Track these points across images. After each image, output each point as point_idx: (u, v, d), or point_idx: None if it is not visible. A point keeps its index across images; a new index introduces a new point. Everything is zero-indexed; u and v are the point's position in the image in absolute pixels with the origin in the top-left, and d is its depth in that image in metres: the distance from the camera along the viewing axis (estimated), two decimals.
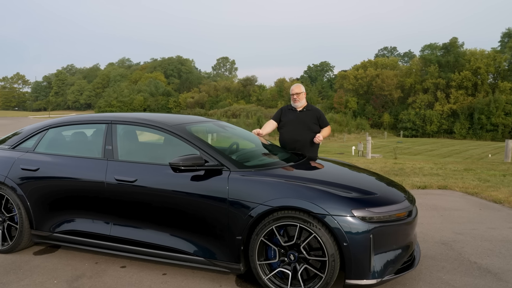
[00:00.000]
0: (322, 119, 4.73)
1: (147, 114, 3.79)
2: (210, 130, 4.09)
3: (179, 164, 3.03)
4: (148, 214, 3.28)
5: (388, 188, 3.35)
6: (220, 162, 3.17)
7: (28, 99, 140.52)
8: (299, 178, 3.15)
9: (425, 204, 5.91)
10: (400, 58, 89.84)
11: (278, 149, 4.33)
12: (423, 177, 8.47)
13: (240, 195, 3.00)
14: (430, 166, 10.80)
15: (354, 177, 3.54)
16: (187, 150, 3.28)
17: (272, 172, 3.22)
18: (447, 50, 63.11)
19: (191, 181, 3.15)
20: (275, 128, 4.87)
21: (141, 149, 3.68)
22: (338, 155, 25.86)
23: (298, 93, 4.71)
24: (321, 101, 78.15)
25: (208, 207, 3.08)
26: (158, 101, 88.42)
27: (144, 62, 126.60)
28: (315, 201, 2.81)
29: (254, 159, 3.76)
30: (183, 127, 3.45)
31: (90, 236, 3.49)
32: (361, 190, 3.02)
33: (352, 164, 4.28)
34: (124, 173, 3.35)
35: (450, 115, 57.68)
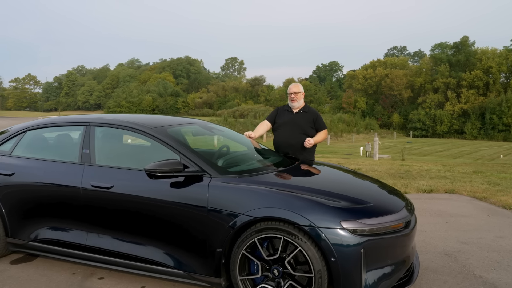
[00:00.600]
0: (319, 121, 4.47)
1: (128, 116, 3.57)
2: (196, 133, 3.86)
3: (155, 170, 2.80)
4: (125, 223, 3.06)
5: (384, 196, 3.09)
6: (201, 167, 2.94)
7: (39, 100, 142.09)
8: (286, 185, 2.90)
9: (430, 209, 5.61)
10: (410, 58, 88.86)
11: (270, 152, 4.08)
12: (429, 180, 8.15)
13: (220, 203, 2.76)
14: (438, 168, 10.46)
15: (348, 184, 3.28)
16: (168, 155, 3.06)
17: (257, 178, 2.97)
18: (458, 49, 62.18)
19: (170, 188, 2.92)
20: (269, 130, 4.62)
21: (120, 153, 3.46)
22: (346, 156, 25.51)
23: (296, 92, 4.45)
24: (329, 101, 77.67)
25: (187, 217, 2.85)
26: (167, 102, 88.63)
27: (153, 63, 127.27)
28: (300, 211, 2.56)
29: (241, 164, 3.53)
30: (164, 130, 3.23)
31: (67, 246, 3.28)
32: (353, 199, 2.76)
33: (349, 169, 4.02)
34: (100, 179, 3.14)
35: (461, 115, 56.81)
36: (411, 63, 78.91)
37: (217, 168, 3.00)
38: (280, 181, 3.03)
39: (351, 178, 3.50)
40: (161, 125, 3.33)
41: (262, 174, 3.12)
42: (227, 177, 2.92)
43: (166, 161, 2.84)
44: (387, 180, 8.03)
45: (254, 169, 3.27)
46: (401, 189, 7.06)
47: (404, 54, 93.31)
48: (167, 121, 3.58)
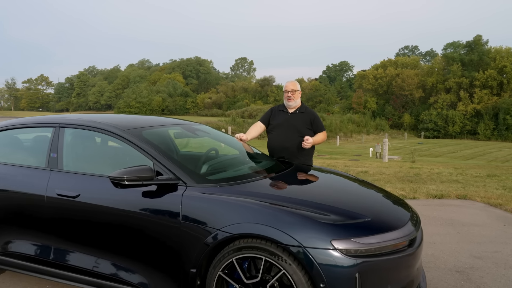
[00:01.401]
0: (317, 123, 4.08)
1: (102, 116, 3.23)
2: (177, 135, 3.50)
3: (122, 178, 2.45)
4: (90, 237, 2.72)
5: (386, 208, 2.70)
6: (176, 175, 2.58)
7: (52, 100, 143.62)
8: (271, 196, 2.53)
9: (440, 218, 5.19)
10: (422, 57, 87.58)
11: (262, 157, 3.72)
12: (440, 184, 7.70)
13: (195, 217, 2.41)
14: (450, 171, 9.97)
15: (344, 194, 2.88)
16: (142, 160, 2.72)
17: (241, 188, 2.61)
18: (470, 48, 60.99)
19: (141, 198, 2.57)
20: (263, 132, 4.25)
21: (91, 157, 3.13)
22: (354, 157, 25.00)
23: (293, 90, 4.07)
24: (339, 102, 76.93)
25: (158, 231, 2.50)
26: (176, 102, 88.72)
27: (163, 63, 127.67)
28: (285, 228, 2.19)
29: (228, 170, 3.17)
30: (139, 132, 2.88)
31: (32, 260, 2.96)
32: (348, 213, 2.38)
33: (349, 175, 3.63)
34: (67, 187, 2.81)
35: (474, 115, 55.70)
36: (423, 63, 77.76)
37: (194, 175, 2.64)
38: (265, 191, 2.66)
39: (349, 187, 3.11)
40: (136, 126, 2.98)
41: (248, 182, 2.75)
42: (205, 186, 2.57)
43: (135, 168, 2.50)
44: (395, 184, 7.61)
45: (239, 176, 2.90)
46: (410, 194, 6.64)
47: (415, 53, 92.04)
48: (145, 122, 3.23)
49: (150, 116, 3.59)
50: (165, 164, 2.63)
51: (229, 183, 2.66)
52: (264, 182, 2.85)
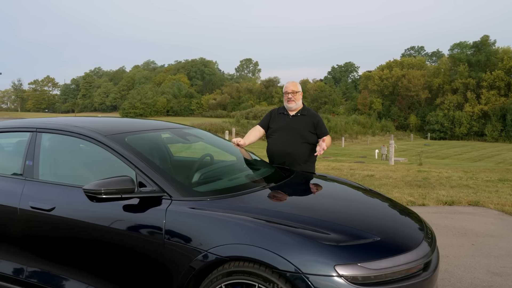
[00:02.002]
0: (320, 126, 3.78)
1: (83, 120, 2.96)
2: (166, 141, 3.21)
3: (98, 191, 2.17)
4: (67, 255, 2.44)
5: (397, 225, 2.39)
6: (160, 187, 2.30)
7: (58, 101, 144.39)
8: (268, 211, 2.23)
9: (452, 227, 4.87)
10: (428, 58, 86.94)
11: (260, 164, 3.43)
12: (450, 189, 7.36)
13: (180, 235, 2.12)
14: (459, 175, 9.62)
15: (350, 207, 2.57)
16: (125, 169, 2.43)
17: (234, 201, 2.32)
18: (478, 48, 60.37)
19: (123, 213, 2.29)
20: (262, 136, 3.96)
21: (69, 166, 2.84)
22: (360, 159, 24.63)
23: (294, 91, 3.78)
24: (345, 103, 76.51)
25: (140, 251, 2.21)
26: (181, 103, 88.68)
27: (168, 65, 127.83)
28: (281, 250, 1.90)
29: (220, 179, 2.89)
30: (121, 138, 2.60)
31: (5, 280, 2.69)
32: (354, 233, 2.08)
33: (355, 183, 3.33)
34: (41, 198, 2.53)
35: (481, 116, 55.07)
36: (429, 64, 77.12)
37: (180, 187, 2.35)
38: (261, 205, 2.37)
39: (355, 199, 2.81)
40: (120, 131, 2.70)
41: (242, 194, 2.46)
42: (193, 199, 2.28)
43: (113, 179, 2.22)
44: (403, 189, 7.29)
45: (233, 187, 2.61)
46: (419, 200, 6.32)
47: (421, 54, 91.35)
48: (130, 126, 2.95)
49: (138, 120, 3.31)
50: (148, 174, 2.35)
51: (220, 196, 2.37)
52: (261, 194, 2.56)
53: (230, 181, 2.86)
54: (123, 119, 3.26)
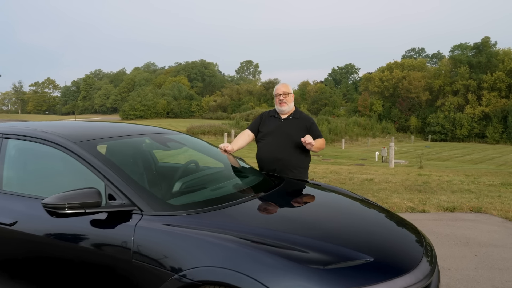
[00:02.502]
0: (314, 129, 3.56)
1: (53, 125, 2.74)
2: (146, 147, 2.97)
3: (59, 205, 1.95)
4: (30, 273, 2.22)
5: (394, 242, 2.16)
6: (131, 200, 2.08)
7: (58, 103, 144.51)
8: (250, 228, 2.01)
9: (454, 235, 4.64)
10: (428, 60, 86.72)
11: (249, 171, 3.21)
12: (451, 194, 7.13)
13: (149, 255, 1.90)
14: (460, 179, 9.38)
15: (342, 222, 2.33)
16: (94, 180, 2.21)
17: (213, 216, 2.10)
18: (478, 50, 60.12)
19: (90, 228, 2.06)
20: (252, 141, 3.74)
21: (35, 175, 2.62)
22: (360, 161, 24.40)
23: (285, 92, 3.56)
24: (345, 104, 76.25)
25: (106, 271, 1.99)
26: (181, 105, 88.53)
27: (169, 66, 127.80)
28: (262, 275, 1.67)
29: (204, 188, 2.67)
30: (92, 145, 2.38)
31: None
32: (343, 253, 1.85)
33: (350, 193, 3.10)
34: (3, 211, 2.31)
35: (482, 118, 54.75)
36: (430, 65, 76.88)
37: (153, 200, 2.13)
38: (244, 221, 2.14)
39: (349, 211, 2.58)
40: (92, 137, 2.48)
41: (224, 207, 2.23)
42: (167, 214, 2.05)
43: (77, 192, 1.99)
44: (402, 194, 7.06)
45: (214, 199, 2.39)
46: (419, 206, 6.09)
47: (422, 56, 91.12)
48: (105, 132, 2.73)
49: (117, 124, 3.08)
50: (118, 186, 2.12)
51: (199, 210, 2.14)
52: (245, 206, 2.33)
53: (212, 191, 2.64)
54: (100, 124, 3.03)
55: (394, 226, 2.39)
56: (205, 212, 2.13)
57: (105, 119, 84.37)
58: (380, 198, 6.67)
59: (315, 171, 10.81)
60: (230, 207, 2.25)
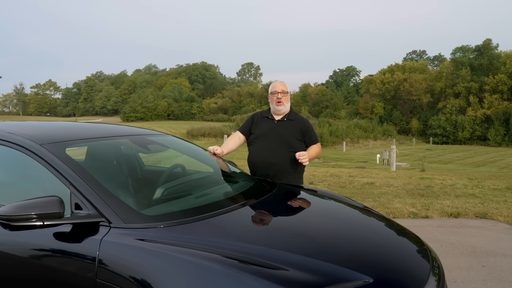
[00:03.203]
0: (309, 133, 3.31)
1: (23, 125, 2.50)
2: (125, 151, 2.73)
3: (15, 216, 1.71)
4: None
5: (397, 258, 1.91)
6: (98, 209, 1.84)
7: (59, 105, 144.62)
8: (234, 244, 1.76)
9: (459, 244, 4.39)
10: (430, 62, 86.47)
11: (239, 176, 2.97)
12: (455, 199, 6.87)
13: (115, 275, 1.65)
14: (464, 182, 9.12)
15: (339, 235, 2.08)
16: (60, 187, 1.97)
17: (194, 228, 1.86)
18: (480, 52, 59.83)
19: (53, 241, 1.82)
20: (243, 144, 3.50)
21: (1, 181, 2.38)
22: (361, 164, 24.12)
23: (283, 91, 3.31)
24: (346, 107, 76.01)
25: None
26: (182, 107, 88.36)
27: (170, 69, 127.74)
28: None
29: (189, 194, 2.42)
30: (61, 147, 2.14)
31: None
32: (340, 274, 1.60)
33: (347, 199, 2.85)
34: None
35: (484, 120, 54.43)
36: (431, 68, 76.63)
37: (124, 210, 1.88)
38: (229, 234, 1.89)
39: (346, 222, 2.32)
40: (61, 139, 2.24)
41: (208, 217, 1.99)
42: (139, 226, 1.81)
43: (34, 201, 1.75)
44: (404, 199, 6.81)
45: (197, 208, 2.14)
46: (422, 211, 5.83)
47: (423, 58, 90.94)
48: (79, 133, 2.49)
49: (94, 124, 2.84)
50: (84, 194, 1.88)
51: (179, 222, 1.90)
52: (231, 217, 2.08)
53: (197, 198, 2.40)
54: (76, 125, 2.79)
55: (396, 239, 2.15)
56: (186, 224, 1.89)
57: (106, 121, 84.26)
58: (381, 202, 6.42)
59: (314, 174, 10.56)
60: (215, 217, 2.01)
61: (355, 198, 6.88)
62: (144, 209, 2.05)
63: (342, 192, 7.62)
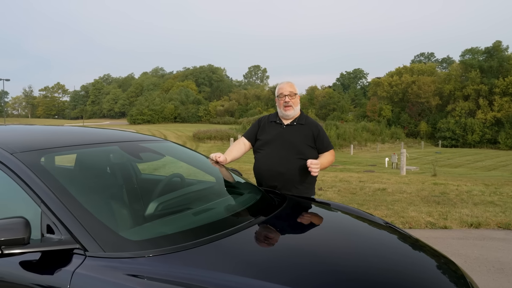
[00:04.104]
0: (321, 138, 2.97)
1: None
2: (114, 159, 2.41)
3: None
4: None
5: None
6: (72, 234, 1.52)
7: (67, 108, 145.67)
8: (238, 280, 1.43)
9: (484, 259, 4.02)
10: (438, 64, 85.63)
11: (244, 187, 2.65)
12: (474, 207, 6.49)
13: None
14: (480, 189, 8.71)
15: (362, 261, 1.74)
16: (31, 205, 1.66)
17: (189, 258, 1.53)
18: (490, 54, 59.03)
19: (19, 271, 1.52)
20: (248, 151, 3.17)
21: None
22: (369, 167, 23.68)
23: (292, 93, 2.97)
24: (353, 109, 75.48)
25: None
26: (189, 110, 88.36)
27: (177, 71, 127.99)
28: None
29: (184, 212, 2.10)
30: (35, 157, 1.83)
31: None
32: None
33: (364, 213, 2.51)
34: None
35: (494, 123, 53.60)
36: (439, 70, 75.85)
37: (104, 235, 1.56)
38: (231, 267, 1.55)
39: (370, 244, 1.97)
40: (38, 147, 1.93)
41: (207, 242, 1.66)
42: (121, 256, 1.49)
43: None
44: (419, 207, 6.43)
45: (195, 229, 1.82)
46: (439, 221, 5.46)
47: (431, 60, 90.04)
48: (59, 139, 2.18)
49: (80, 129, 2.53)
50: (57, 213, 1.57)
51: (171, 249, 1.57)
52: (236, 241, 1.74)
53: (195, 216, 2.08)
54: (59, 129, 2.48)
55: (430, 266, 1.81)
56: (180, 252, 1.56)
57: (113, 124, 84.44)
58: (395, 211, 6.06)
59: (323, 179, 10.20)
60: (215, 242, 1.68)
61: (367, 205, 6.52)
62: (129, 231, 1.73)
63: (353, 199, 7.27)
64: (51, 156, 1.93)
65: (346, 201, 7.02)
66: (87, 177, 2.08)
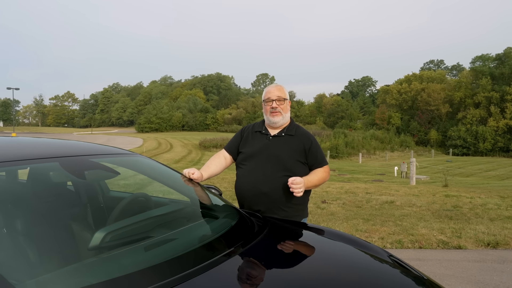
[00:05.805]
0: (314, 153, 2.52)
1: None
2: (54, 177, 1.99)
3: None
4: None
5: None
6: None
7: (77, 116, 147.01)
8: None
9: (506, 287, 3.53)
10: (448, 71, 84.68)
11: (221, 210, 2.22)
12: (490, 223, 5.97)
13: None
14: (496, 202, 8.16)
15: None
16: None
17: None
18: (501, 61, 58.18)
19: None
20: (229, 166, 2.74)
21: None
22: (378, 176, 23.08)
23: (280, 97, 2.55)
24: (362, 117, 74.76)
25: None
26: (196, 118, 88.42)
27: (185, 80, 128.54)
28: None
29: (135, 248, 1.68)
30: None
31: None
32: None
33: (361, 240, 2.07)
34: None
35: (506, 131, 52.51)
36: (449, 77, 74.91)
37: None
38: None
39: (360, 279, 1.54)
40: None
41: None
42: None
43: None
44: (430, 223, 5.93)
45: (147, 270, 1.40)
46: (453, 239, 4.97)
47: (441, 67, 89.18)
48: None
49: (17, 139, 2.13)
50: None
51: None
52: (201, 284, 1.33)
53: (147, 251, 1.65)
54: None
55: None
56: None
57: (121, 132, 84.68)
58: (404, 227, 5.57)
59: (328, 191, 9.72)
60: None
61: (373, 221, 6.04)
62: (48, 276, 1.30)
63: (358, 213, 6.78)
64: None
65: (351, 215, 6.54)
66: (9, 203, 1.66)
